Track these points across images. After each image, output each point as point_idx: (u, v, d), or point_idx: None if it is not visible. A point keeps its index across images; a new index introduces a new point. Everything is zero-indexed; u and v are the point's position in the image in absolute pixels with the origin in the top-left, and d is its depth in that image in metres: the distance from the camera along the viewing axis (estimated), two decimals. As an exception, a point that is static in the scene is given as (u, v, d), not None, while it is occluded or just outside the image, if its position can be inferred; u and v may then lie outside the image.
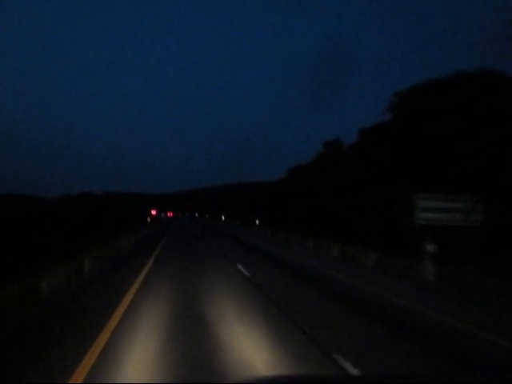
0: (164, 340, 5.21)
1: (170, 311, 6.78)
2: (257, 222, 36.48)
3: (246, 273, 11.56)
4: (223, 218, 73.59)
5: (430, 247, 11.44)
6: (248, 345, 5.04)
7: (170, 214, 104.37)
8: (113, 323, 5.90)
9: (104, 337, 5.26)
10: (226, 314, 6.59)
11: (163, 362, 4.44)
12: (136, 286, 9.05)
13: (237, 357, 4.63)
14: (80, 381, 3.99)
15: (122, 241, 19.10)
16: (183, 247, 20.58)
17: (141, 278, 10.20)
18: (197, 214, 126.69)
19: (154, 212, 60.01)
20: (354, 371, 4.22)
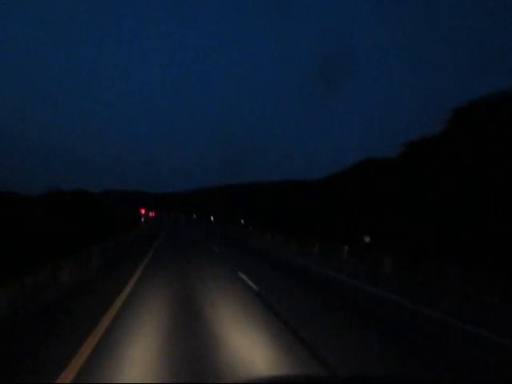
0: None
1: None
2: None
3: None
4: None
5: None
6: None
7: (151, 214, 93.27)
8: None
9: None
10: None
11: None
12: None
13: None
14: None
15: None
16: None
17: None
18: (212, 218, 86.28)
19: (143, 211, 62.09)
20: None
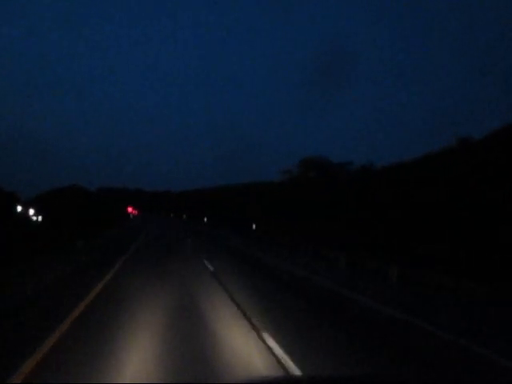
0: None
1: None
2: None
3: None
4: None
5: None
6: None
7: (134, 212, 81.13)
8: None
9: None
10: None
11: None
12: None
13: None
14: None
15: None
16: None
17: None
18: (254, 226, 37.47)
19: (130, 209, 65.33)
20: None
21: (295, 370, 4.21)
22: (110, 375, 4.00)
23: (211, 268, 12.48)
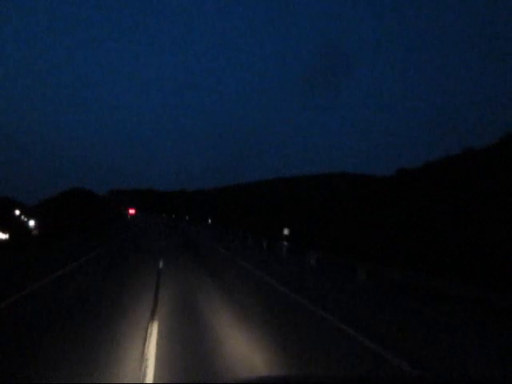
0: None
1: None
2: None
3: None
4: None
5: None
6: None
7: (132, 212, 72.82)
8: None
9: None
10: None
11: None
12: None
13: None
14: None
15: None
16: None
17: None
18: None
19: (132, 211, 65.41)
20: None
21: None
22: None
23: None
